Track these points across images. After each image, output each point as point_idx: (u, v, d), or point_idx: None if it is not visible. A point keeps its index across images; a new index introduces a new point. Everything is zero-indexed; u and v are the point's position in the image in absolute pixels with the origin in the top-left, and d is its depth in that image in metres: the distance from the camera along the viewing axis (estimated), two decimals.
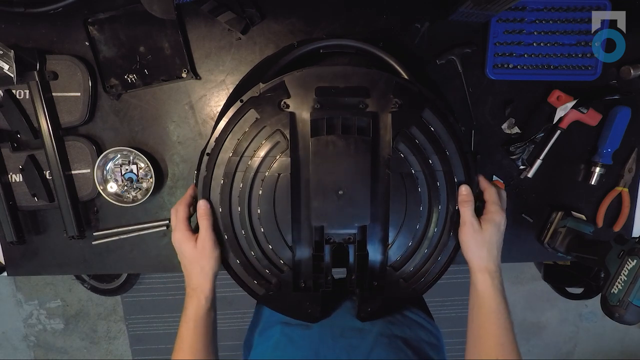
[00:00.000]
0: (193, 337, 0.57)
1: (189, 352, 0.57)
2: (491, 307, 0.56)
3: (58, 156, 0.70)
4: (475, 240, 0.58)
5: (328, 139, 0.57)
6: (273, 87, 0.58)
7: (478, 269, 0.58)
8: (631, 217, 0.81)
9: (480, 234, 0.58)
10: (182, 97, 0.74)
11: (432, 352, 0.65)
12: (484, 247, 0.58)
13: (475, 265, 0.58)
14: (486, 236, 0.58)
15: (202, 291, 0.58)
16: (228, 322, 1.80)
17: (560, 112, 0.74)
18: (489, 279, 0.57)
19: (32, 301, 1.88)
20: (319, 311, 0.61)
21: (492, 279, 0.57)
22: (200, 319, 0.58)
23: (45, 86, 0.69)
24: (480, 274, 0.58)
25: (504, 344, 0.55)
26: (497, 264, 0.58)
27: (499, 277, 0.58)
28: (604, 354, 2.01)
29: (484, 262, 0.57)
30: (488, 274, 0.57)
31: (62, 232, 0.73)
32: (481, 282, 0.57)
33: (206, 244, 0.58)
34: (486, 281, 0.57)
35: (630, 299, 0.58)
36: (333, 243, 0.61)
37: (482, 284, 0.57)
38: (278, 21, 0.72)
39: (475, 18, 0.70)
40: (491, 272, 0.57)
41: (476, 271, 0.58)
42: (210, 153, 0.59)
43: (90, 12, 0.69)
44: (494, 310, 0.56)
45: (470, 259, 0.58)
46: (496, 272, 0.58)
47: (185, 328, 0.58)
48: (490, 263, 0.58)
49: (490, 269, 0.57)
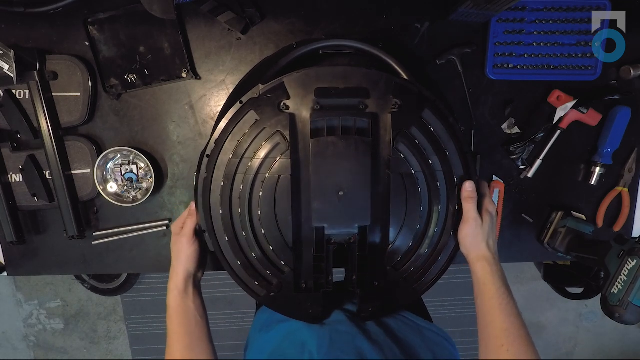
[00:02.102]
0: (175, 322, 0.60)
1: (175, 337, 0.59)
2: (492, 293, 0.57)
3: (58, 156, 0.70)
4: (475, 234, 0.60)
5: (328, 140, 0.57)
6: (273, 88, 0.58)
7: (477, 259, 0.59)
8: (631, 217, 0.81)
9: (481, 228, 0.60)
10: (182, 97, 0.74)
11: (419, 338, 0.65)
12: (483, 239, 0.60)
13: (474, 256, 0.60)
14: (486, 228, 0.60)
15: (174, 282, 0.61)
16: (228, 322, 1.80)
17: (560, 112, 0.74)
18: (487, 266, 0.59)
19: (32, 301, 1.88)
20: (320, 311, 0.61)
21: (491, 266, 0.59)
22: (177, 307, 0.60)
23: (45, 86, 0.69)
24: (479, 262, 0.59)
25: (508, 329, 0.55)
26: (494, 252, 0.60)
27: (498, 264, 0.60)
28: (604, 354, 2.01)
29: (482, 252, 0.59)
30: (486, 261, 0.59)
31: (62, 232, 0.73)
32: (480, 270, 0.59)
33: (182, 239, 0.61)
34: (485, 268, 0.59)
35: (630, 299, 0.58)
36: (334, 244, 0.61)
37: (482, 272, 0.59)
38: (278, 21, 0.72)
39: (475, 18, 0.70)
40: (489, 260, 0.59)
41: (475, 261, 0.60)
42: (210, 155, 0.59)
43: (90, 12, 0.69)
44: (494, 296, 0.57)
45: (470, 252, 0.60)
46: (494, 260, 0.60)
47: (167, 315, 0.60)
48: (488, 252, 0.59)
49: (488, 257, 0.59)
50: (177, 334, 0.59)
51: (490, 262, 0.59)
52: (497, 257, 0.61)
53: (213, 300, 1.75)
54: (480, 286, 0.58)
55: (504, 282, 0.58)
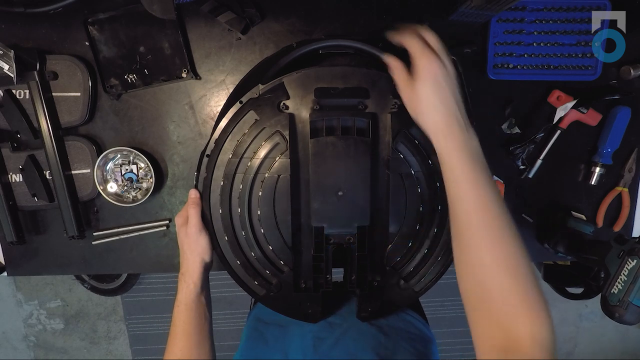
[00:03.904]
0: (185, 320, 0.59)
1: (183, 335, 0.59)
2: (454, 175, 0.45)
3: (58, 156, 0.70)
4: (413, 103, 0.48)
5: (327, 140, 0.57)
6: (272, 88, 0.58)
7: (433, 135, 0.47)
8: (631, 217, 0.81)
9: (416, 96, 0.48)
10: (182, 97, 0.74)
11: (410, 341, 0.64)
12: (424, 107, 0.47)
13: (431, 132, 0.48)
14: (421, 94, 0.47)
15: (190, 276, 0.60)
16: (228, 322, 1.80)
17: (560, 112, 0.74)
18: (442, 140, 0.46)
19: (32, 301, 1.88)
20: (320, 312, 0.61)
21: (446, 140, 0.46)
22: (191, 302, 0.59)
23: (45, 86, 0.69)
24: (435, 138, 0.47)
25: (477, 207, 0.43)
26: (450, 121, 0.46)
27: (461, 135, 0.46)
28: (604, 354, 2.01)
29: (430, 122, 0.47)
30: (441, 135, 0.46)
31: (62, 232, 0.73)
32: (437, 148, 0.47)
33: (191, 230, 0.59)
34: (439, 143, 0.46)
35: (630, 299, 0.58)
36: (333, 244, 0.61)
37: (438, 148, 0.47)
38: (278, 21, 0.72)
39: (475, 18, 0.70)
40: (443, 131, 0.46)
41: (433, 140, 0.47)
42: (210, 154, 0.59)
43: (90, 12, 0.69)
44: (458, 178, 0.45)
45: (425, 130, 0.48)
46: (450, 130, 0.46)
47: (177, 312, 0.59)
48: (440, 122, 0.46)
49: (442, 129, 0.46)
50: (184, 330, 0.59)
51: (445, 134, 0.46)
52: (462, 126, 0.46)
53: (213, 301, 1.72)
54: (444, 172, 0.47)
55: (472, 159, 0.45)
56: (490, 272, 0.43)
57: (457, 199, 0.46)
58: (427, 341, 0.66)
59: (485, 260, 0.43)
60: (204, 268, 0.60)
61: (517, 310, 0.42)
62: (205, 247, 0.60)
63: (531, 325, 0.41)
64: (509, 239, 0.43)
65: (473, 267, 0.45)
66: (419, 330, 0.67)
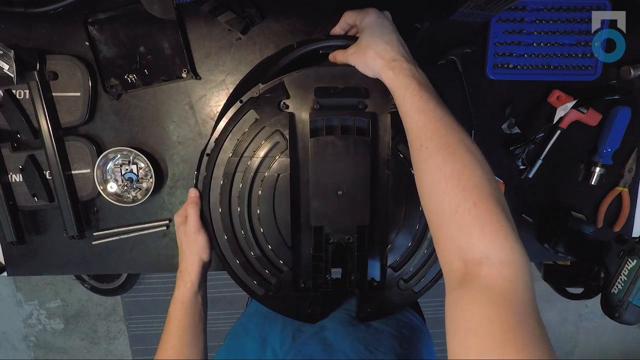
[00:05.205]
0: (180, 317, 0.59)
1: (177, 332, 0.59)
2: (406, 106, 0.46)
3: (58, 156, 0.70)
4: (364, 57, 0.51)
5: (327, 139, 0.57)
6: (272, 88, 0.58)
7: (384, 75, 0.49)
8: (631, 217, 0.81)
9: (363, 49, 0.51)
10: (182, 97, 0.74)
11: (396, 326, 0.63)
12: (372, 52, 0.51)
13: (383, 74, 0.50)
14: (365, 43, 0.51)
15: (188, 274, 0.60)
16: (228, 322, 1.80)
17: (560, 112, 0.74)
18: (392, 76, 0.48)
19: (32, 301, 1.88)
20: (319, 311, 0.61)
21: (395, 74, 0.48)
22: (187, 301, 0.60)
23: (45, 86, 0.69)
24: (386, 77, 0.49)
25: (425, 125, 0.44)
26: (396, 56, 0.49)
27: (409, 68, 0.48)
28: (604, 354, 2.01)
29: (382, 64, 0.49)
30: (391, 71, 0.48)
31: (62, 232, 0.73)
32: (389, 85, 0.49)
33: (190, 229, 0.59)
34: (390, 80, 0.48)
35: (630, 299, 0.58)
36: (333, 243, 0.61)
37: (390, 85, 0.48)
38: (278, 21, 0.72)
39: (475, 18, 0.70)
40: (392, 67, 0.48)
41: (385, 80, 0.49)
42: (210, 153, 0.59)
43: (90, 12, 0.69)
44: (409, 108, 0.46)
45: (377, 74, 0.51)
46: (398, 63, 0.48)
47: (173, 309, 0.60)
48: (388, 59, 0.49)
49: (391, 65, 0.49)
50: (178, 328, 0.59)
51: (393, 69, 0.48)
52: (404, 57, 0.49)
53: (213, 300, 1.74)
54: (398, 106, 0.48)
55: (419, 84, 0.46)
56: (445, 190, 0.40)
57: (409, 127, 0.46)
58: (415, 329, 0.66)
59: (437, 178, 0.41)
60: (202, 267, 0.61)
61: (471, 230, 0.38)
62: (203, 246, 0.60)
63: (485, 246, 0.36)
64: (462, 156, 0.41)
65: (429, 190, 0.43)
66: (408, 319, 0.67)
